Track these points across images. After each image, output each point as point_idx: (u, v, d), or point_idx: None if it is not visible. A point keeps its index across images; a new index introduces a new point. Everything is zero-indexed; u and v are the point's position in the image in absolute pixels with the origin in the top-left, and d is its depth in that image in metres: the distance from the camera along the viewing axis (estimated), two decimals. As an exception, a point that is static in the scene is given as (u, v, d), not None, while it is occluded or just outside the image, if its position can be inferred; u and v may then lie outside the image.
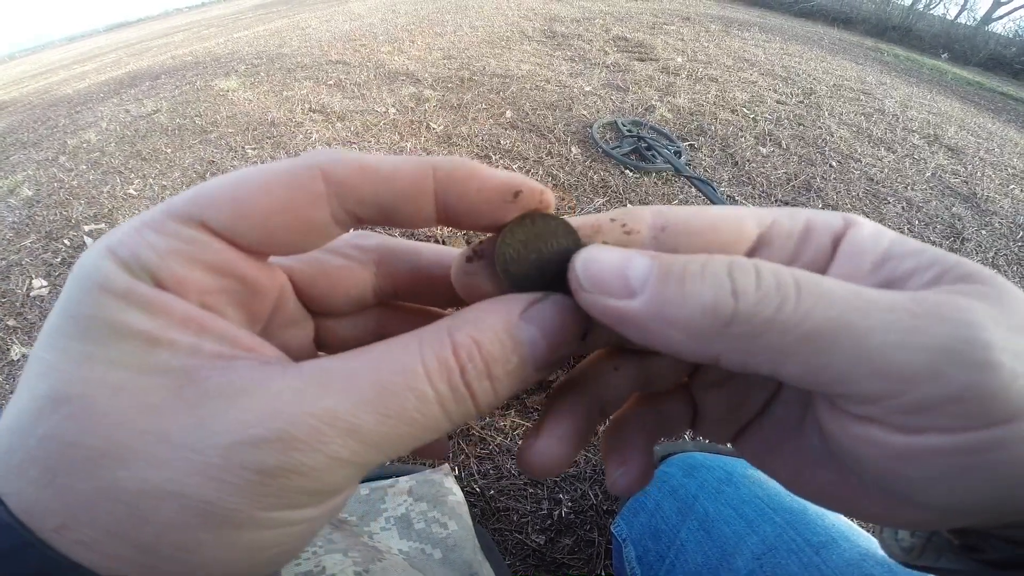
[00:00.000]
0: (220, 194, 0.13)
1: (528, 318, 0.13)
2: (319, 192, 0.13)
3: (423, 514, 0.49)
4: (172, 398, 0.11)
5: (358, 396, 0.11)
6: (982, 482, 0.11)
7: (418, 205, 0.14)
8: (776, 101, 2.49)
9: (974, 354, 0.11)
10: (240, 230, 0.13)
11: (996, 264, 1.53)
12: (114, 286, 0.12)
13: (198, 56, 3.50)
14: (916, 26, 6.24)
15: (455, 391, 0.12)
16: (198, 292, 0.13)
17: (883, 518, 0.15)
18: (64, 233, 1.51)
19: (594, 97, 2.36)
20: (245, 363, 0.12)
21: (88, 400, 0.11)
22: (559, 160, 1.81)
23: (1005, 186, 1.99)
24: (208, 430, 0.11)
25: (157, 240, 0.12)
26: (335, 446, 0.11)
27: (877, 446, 0.12)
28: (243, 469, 0.10)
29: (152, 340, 0.11)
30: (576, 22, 3.87)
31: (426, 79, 2.56)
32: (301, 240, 0.14)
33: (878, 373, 0.11)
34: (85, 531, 0.10)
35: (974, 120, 2.80)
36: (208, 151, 1.90)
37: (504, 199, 0.14)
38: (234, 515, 0.11)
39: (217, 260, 0.13)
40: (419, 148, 1.88)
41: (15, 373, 1.12)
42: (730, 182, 1.78)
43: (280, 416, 0.11)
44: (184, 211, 0.13)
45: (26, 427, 0.11)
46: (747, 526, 0.44)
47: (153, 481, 0.10)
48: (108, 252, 0.12)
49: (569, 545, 0.80)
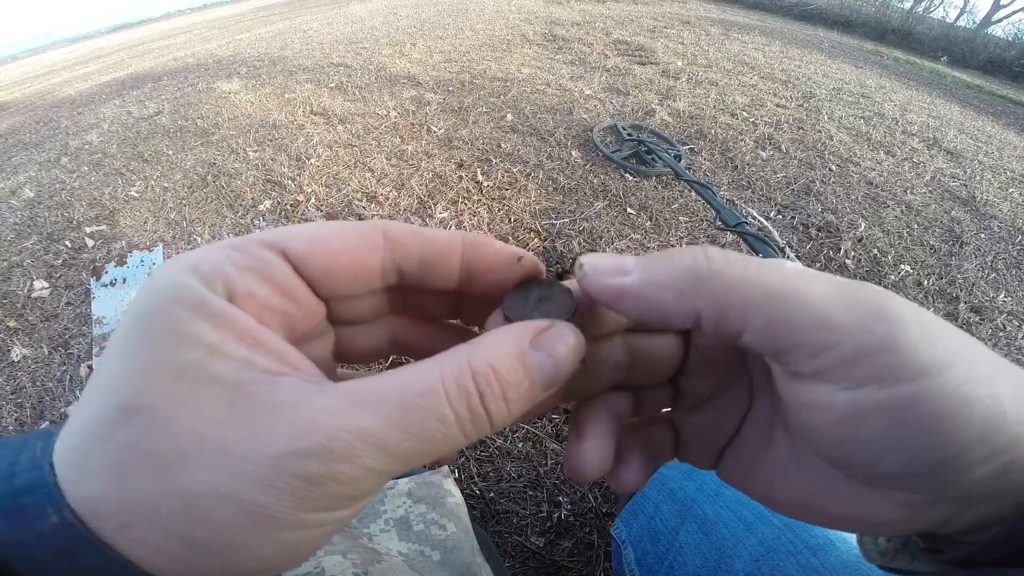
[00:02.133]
0: (302, 231, 0.16)
1: (537, 345, 0.15)
2: (378, 243, 0.16)
3: (422, 516, 0.49)
4: (227, 410, 0.12)
5: (386, 416, 0.13)
6: (914, 439, 0.13)
7: (450, 262, 0.17)
8: (776, 105, 2.50)
9: (890, 313, 0.13)
10: (311, 260, 0.15)
11: (995, 268, 1.53)
12: (188, 298, 0.13)
13: (200, 58, 3.51)
14: (916, 29, 6.25)
15: (473, 413, 0.14)
16: (259, 307, 0.14)
17: (850, 521, 0.17)
18: (66, 234, 1.51)
19: (594, 101, 2.36)
20: (289, 380, 0.13)
21: (157, 411, 0.12)
22: (559, 164, 1.81)
23: (1004, 189, 2.00)
24: (260, 441, 0.12)
25: (239, 257, 0.14)
26: (366, 458, 0.12)
27: (826, 409, 0.14)
28: (290, 477, 0.12)
29: (212, 351, 0.13)
30: (577, 26, 3.89)
31: (427, 82, 2.57)
32: (353, 281, 0.17)
33: (819, 324, 0.14)
34: (145, 529, 0.12)
35: (973, 123, 2.81)
36: (210, 153, 1.91)
37: (511, 262, 0.18)
38: (280, 517, 0.12)
39: (284, 282, 0.15)
40: (420, 151, 1.88)
41: (15, 374, 1.12)
42: (730, 186, 1.78)
43: (320, 431, 0.12)
44: (268, 239, 0.15)
45: (103, 435, 0.12)
46: (745, 528, 0.45)
47: (212, 485, 0.12)
48: (189, 268, 0.14)
49: (569, 547, 0.80)
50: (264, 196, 1.63)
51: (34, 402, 1.06)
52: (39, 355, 1.16)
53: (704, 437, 0.21)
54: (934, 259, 1.54)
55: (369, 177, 1.72)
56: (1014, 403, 0.13)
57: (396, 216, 1.53)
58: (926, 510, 0.15)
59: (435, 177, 1.71)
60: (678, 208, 1.62)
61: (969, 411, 0.13)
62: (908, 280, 1.44)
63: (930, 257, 1.54)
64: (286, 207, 1.58)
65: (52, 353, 1.16)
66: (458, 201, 1.59)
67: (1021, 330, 1.32)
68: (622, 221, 1.54)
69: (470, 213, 1.53)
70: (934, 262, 1.52)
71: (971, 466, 0.13)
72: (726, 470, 0.21)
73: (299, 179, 1.71)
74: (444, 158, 1.83)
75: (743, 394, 0.20)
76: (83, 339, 1.19)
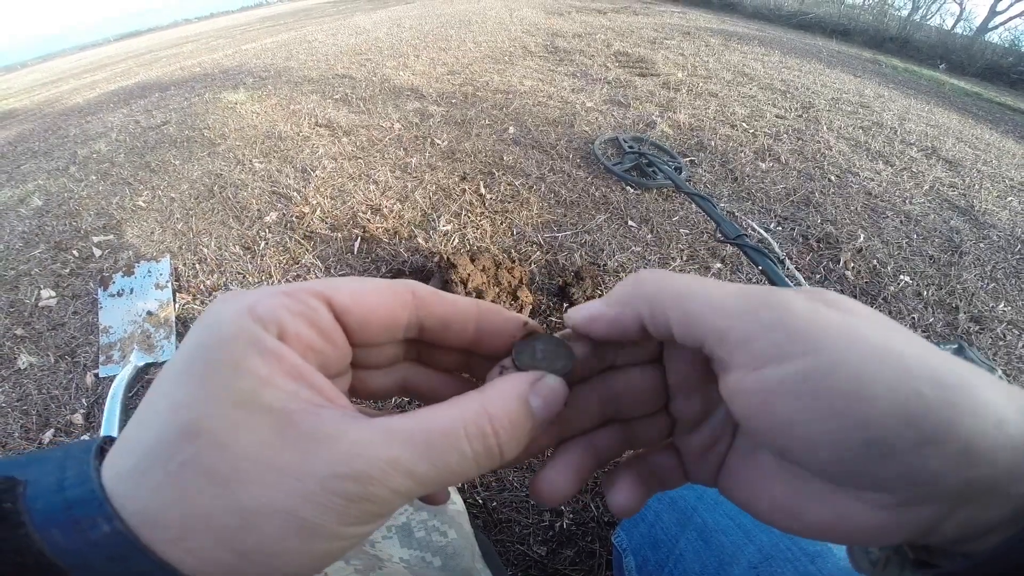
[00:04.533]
0: (347, 284, 0.18)
1: (535, 392, 0.18)
2: (408, 301, 0.20)
3: (423, 523, 0.50)
4: (278, 436, 0.14)
5: (414, 449, 0.15)
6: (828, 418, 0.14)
7: (465, 324, 0.21)
8: (775, 115, 2.52)
9: (776, 302, 0.16)
10: (353, 312, 0.18)
11: (995, 277, 1.53)
12: (244, 336, 0.15)
13: (207, 68, 3.56)
14: (913, 37, 6.25)
15: (488, 449, 0.17)
16: (305, 347, 0.16)
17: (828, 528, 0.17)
18: (73, 244, 1.53)
19: (596, 113, 2.39)
20: (329, 412, 0.15)
21: (217, 434, 0.14)
22: (561, 176, 1.83)
23: (1003, 198, 2.00)
24: (308, 465, 0.14)
25: (291, 303, 0.17)
26: (396, 483, 0.15)
27: (744, 394, 0.16)
28: (334, 495, 0.14)
29: (264, 382, 0.15)
30: (578, 37, 3.93)
31: (430, 94, 2.60)
32: (384, 332, 0.19)
33: (716, 312, 0.17)
34: (200, 540, 0.13)
35: (972, 132, 2.81)
36: (216, 164, 1.93)
37: (517, 326, 0.22)
38: (322, 529, 0.14)
39: (326, 328, 0.17)
40: (424, 163, 1.90)
41: (21, 382, 1.13)
42: (730, 198, 1.79)
43: (360, 459, 0.14)
44: (318, 289, 0.18)
45: (165, 454, 0.14)
46: (744, 536, 0.45)
47: (266, 501, 0.14)
48: (247, 309, 0.16)
49: (571, 556, 0.80)
50: (270, 208, 1.65)
51: (39, 409, 1.07)
52: (45, 363, 1.17)
53: (705, 456, 0.22)
54: (933, 269, 1.54)
55: (373, 189, 1.74)
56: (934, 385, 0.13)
57: (401, 228, 1.54)
58: (904, 513, 0.15)
59: (438, 190, 1.73)
60: (679, 220, 1.63)
61: (872, 388, 0.13)
62: (908, 291, 1.44)
63: (929, 267, 1.54)
64: (292, 219, 1.59)
65: (58, 361, 1.17)
66: (461, 214, 1.60)
67: (1021, 339, 1.32)
68: (623, 234, 1.55)
69: (473, 226, 1.54)
70: (933, 272, 1.52)
71: (908, 454, 0.13)
72: (721, 484, 0.22)
73: (304, 191, 1.72)
74: (447, 171, 1.84)
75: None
76: (90, 348, 1.20)
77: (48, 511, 0.13)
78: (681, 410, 0.22)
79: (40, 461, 0.15)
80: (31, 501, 0.13)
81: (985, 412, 0.13)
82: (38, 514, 0.13)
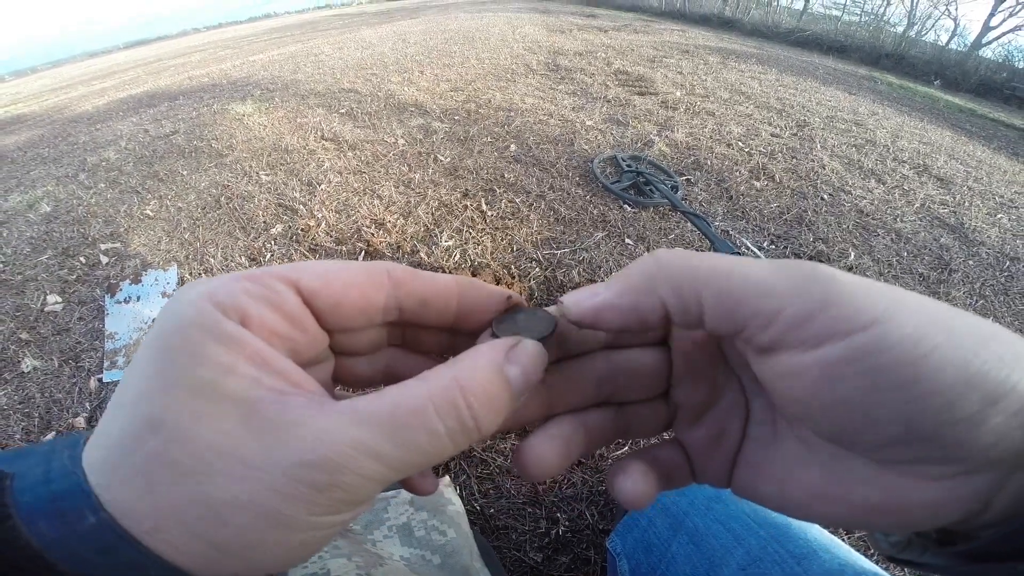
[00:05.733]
0: (314, 267, 0.18)
1: (511, 359, 0.17)
2: (383, 282, 0.19)
3: (423, 522, 0.52)
4: (241, 425, 0.14)
5: (380, 432, 0.14)
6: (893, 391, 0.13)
7: (447, 302, 0.20)
8: (770, 134, 2.56)
9: (823, 275, 0.15)
10: (321, 295, 0.17)
11: (983, 295, 1.56)
12: (203, 322, 0.15)
13: (215, 78, 3.61)
14: (909, 53, 6.34)
15: (462, 424, 0.15)
16: (268, 333, 0.16)
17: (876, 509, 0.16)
18: (81, 250, 1.55)
19: (595, 132, 2.43)
20: (295, 398, 0.15)
21: (179, 425, 0.14)
22: (561, 194, 1.86)
23: (992, 215, 2.03)
24: (273, 455, 0.14)
25: (253, 287, 0.16)
26: (365, 468, 0.14)
27: (798, 376, 0.15)
28: (300, 485, 0.14)
29: (225, 370, 0.14)
30: (579, 55, 4.01)
31: (434, 110, 2.64)
32: (358, 315, 0.19)
33: (761, 292, 0.15)
34: (173, 531, 0.13)
35: (964, 148, 2.85)
36: (223, 175, 1.96)
37: (501, 301, 0.21)
38: (293, 520, 0.14)
39: (293, 312, 0.17)
40: (427, 179, 1.93)
41: (24, 385, 1.14)
42: (724, 216, 1.82)
43: (325, 445, 0.14)
44: (283, 273, 0.17)
45: (131, 446, 0.14)
46: (734, 540, 0.47)
47: (233, 493, 0.13)
48: (207, 294, 0.15)
49: (566, 563, 0.82)
50: (276, 220, 1.67)
51: (41, 412, 1.08)
52: (49, 367, 1.18)
53: (712, 450, 0.21)
54: (923, 287, 1.56)
55: (377, 204, 1.76)
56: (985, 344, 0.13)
57: (404, 243, 1.56)
58: (961, 484, 0.14)
59: (441, 205, 1.76)
60: (674, 239, 1.66)
61: (935, 354, 0.13)
62: (898, 307, 1.47)
63: (919, 285, 1.57)
64: (297, 232, 1.61)
65: (62, 366, 1.18)
66: (463, 230, 1.62)
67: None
68: (620, 251, 1.58)
69: (474, 242, 1.57)
70: (923, 290, 1.55)
71: (973, 417, 0.13)
72: (740, 481, 0.21)
73: (310, 204, 1.75)
74: (450, 187, 1.88)
75: (739, 396, 0.21)
76: (94, 353, 1.21)
77: (35, 504, 0.13)
78: (684, 398, 0.21)
79: (26, 455, 0.14)
80: (18, 494, 0.13)
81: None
82: (25, 507, 0.13)
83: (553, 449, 0.20)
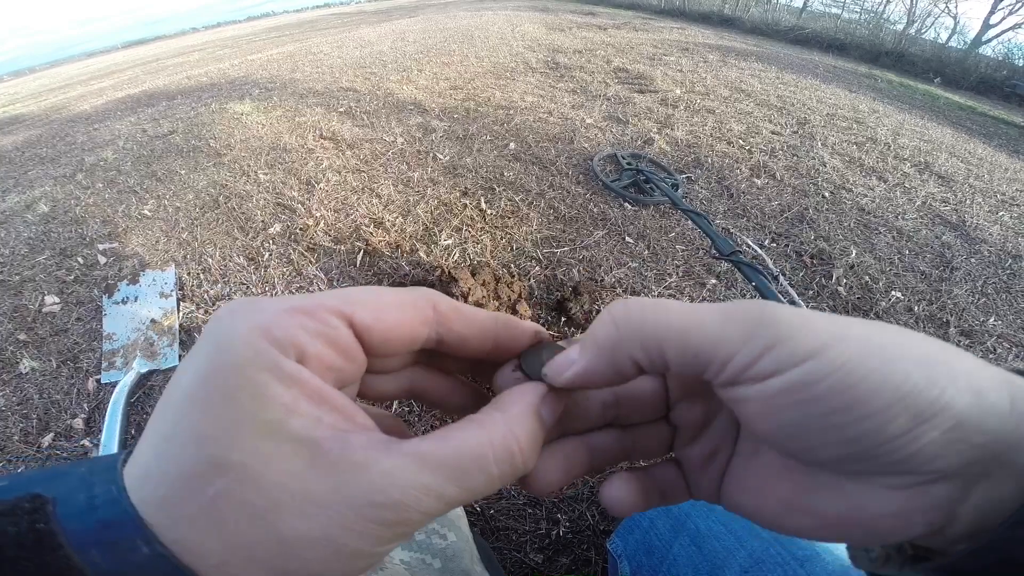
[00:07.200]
0: (366, 299, 0.18)
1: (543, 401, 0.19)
2: (429, 316, 0.20)
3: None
4: (308, 466, 0.15)
5: (444, 476, 0.16)
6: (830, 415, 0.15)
7: (485, 339, 0.21)
8: (771, 132, 2.56)
9: (768, 318, 0.16)
10: (374, 330, 0.18)
11: (985, 292, 1.56)
12: (263, 361, 0.15)
13: (213, 77, 3.60)
14: (908, 51, 6.31)
15: (514, 468, 0.17)
16: (324, 368, 0.17)
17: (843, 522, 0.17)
18: (78, 251, 1.54)
19: (595, 129, 2.43)
20: (356, 437, 0.16)
21: (247, 467, 0.14)
22: (560, 193, 1.86)
23: (994, 213, 2.03)
24: (343, 495, 0.15)
25: (310, 323, 0.17)
26: (429, 508, 0.16)
27: (751, 403, 0.17)
28: (370, 523, 0.15)
29: (288, 411, 0.15)
30: (578, 53, 4.00)
31: (433, 109, 2.64)
32: (404, 347, 0.20)
33: (718, 343, 0.17)
34: (243, 567, 0.14)
35: (965, 146, 2.85)
36: (221, 174, 1.96)
37: (530, 336, 0.22)
38: (361, 552, 0.15)
39: (346, 345, 0.18)
40: (426, 178, 1.93)
41: (22, 386, 1.14)
42: (725, 214, 1.82)
43: (395, 488, 0.15)
44: (336, 307, 0.17)
45: (196, 486, 0.14)
46: (736, 541, 0.47)
47: (306, 531, 0.14)
48: (262, 331, 0.16)
49: (567, 564, 0.81)
50: (274, 219, 1.67)
51: (40, 413, 1.08)
52: (47, 368, 1.18)
53: (707, 467, 0.22)
54: (925, 285, 1.56)
55: (376, 203, 1.76)
56: (918, 365, 0.14)
57: (403, 242, 1.56)
58: (920, 494, 0.15)
59: (440, 204, 1.75)
60: (675, 237, 1.66)
61: (869, 380, 0.14)
62: (899, 306, 1.46)
63: (921, 283, 1.57)
64: (296, 231, 1.61)
65: (60, 367, 1.18)
66: (462, 228, 1.62)
67: (1012, 353, 1.34)
68: (621, 250, 1.58)
69: (473, 240, 1.57)
70: (925, 288, 1.55)
71: (905, 435, 0.14)
72: (725, 494, 0.22)
73: (308, 203, 1.75)
74: (449, 185, 1.87)
75: (731, 415, 0.22)
76: (92, 354, 1.21)
77: (82, 532, 0.13)
78: (682, 418, 0.23)
79: (61, 477, 0.14)
80: (63, 521, 0.13)
81: (966, 384, 0.14)
82: (73, 535, 0.13)
83: (555, 464, 0.21)
